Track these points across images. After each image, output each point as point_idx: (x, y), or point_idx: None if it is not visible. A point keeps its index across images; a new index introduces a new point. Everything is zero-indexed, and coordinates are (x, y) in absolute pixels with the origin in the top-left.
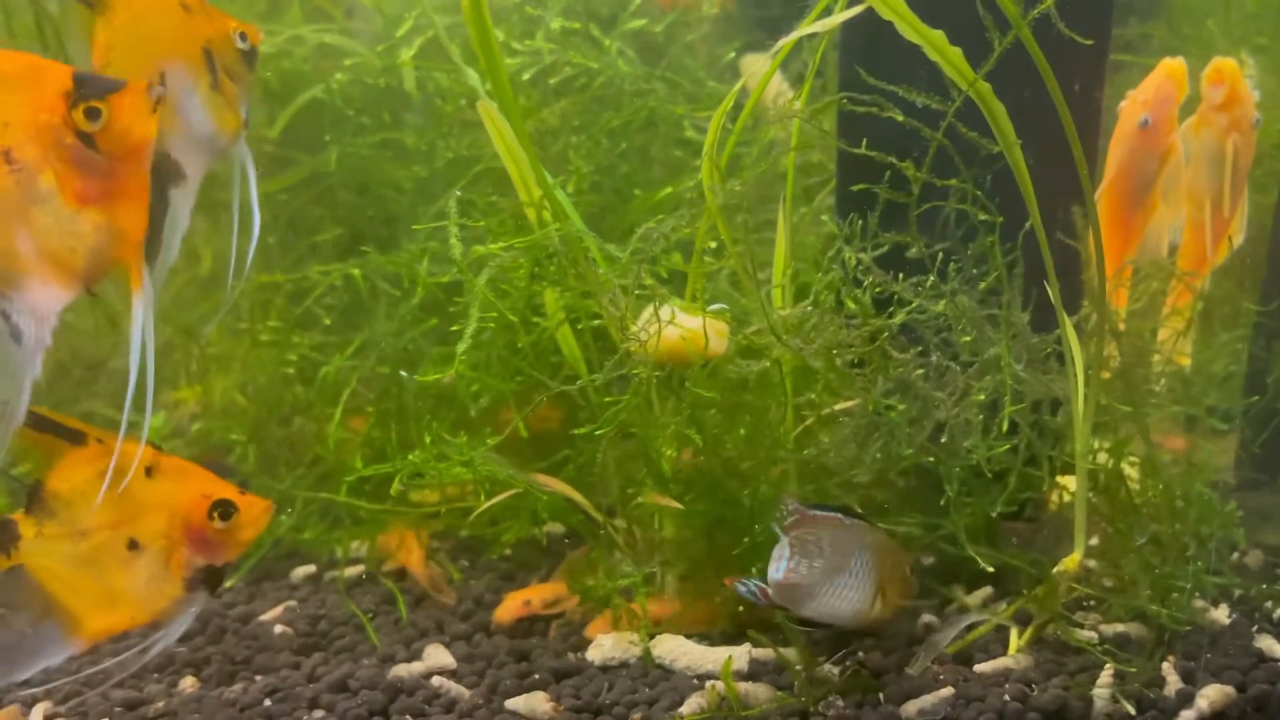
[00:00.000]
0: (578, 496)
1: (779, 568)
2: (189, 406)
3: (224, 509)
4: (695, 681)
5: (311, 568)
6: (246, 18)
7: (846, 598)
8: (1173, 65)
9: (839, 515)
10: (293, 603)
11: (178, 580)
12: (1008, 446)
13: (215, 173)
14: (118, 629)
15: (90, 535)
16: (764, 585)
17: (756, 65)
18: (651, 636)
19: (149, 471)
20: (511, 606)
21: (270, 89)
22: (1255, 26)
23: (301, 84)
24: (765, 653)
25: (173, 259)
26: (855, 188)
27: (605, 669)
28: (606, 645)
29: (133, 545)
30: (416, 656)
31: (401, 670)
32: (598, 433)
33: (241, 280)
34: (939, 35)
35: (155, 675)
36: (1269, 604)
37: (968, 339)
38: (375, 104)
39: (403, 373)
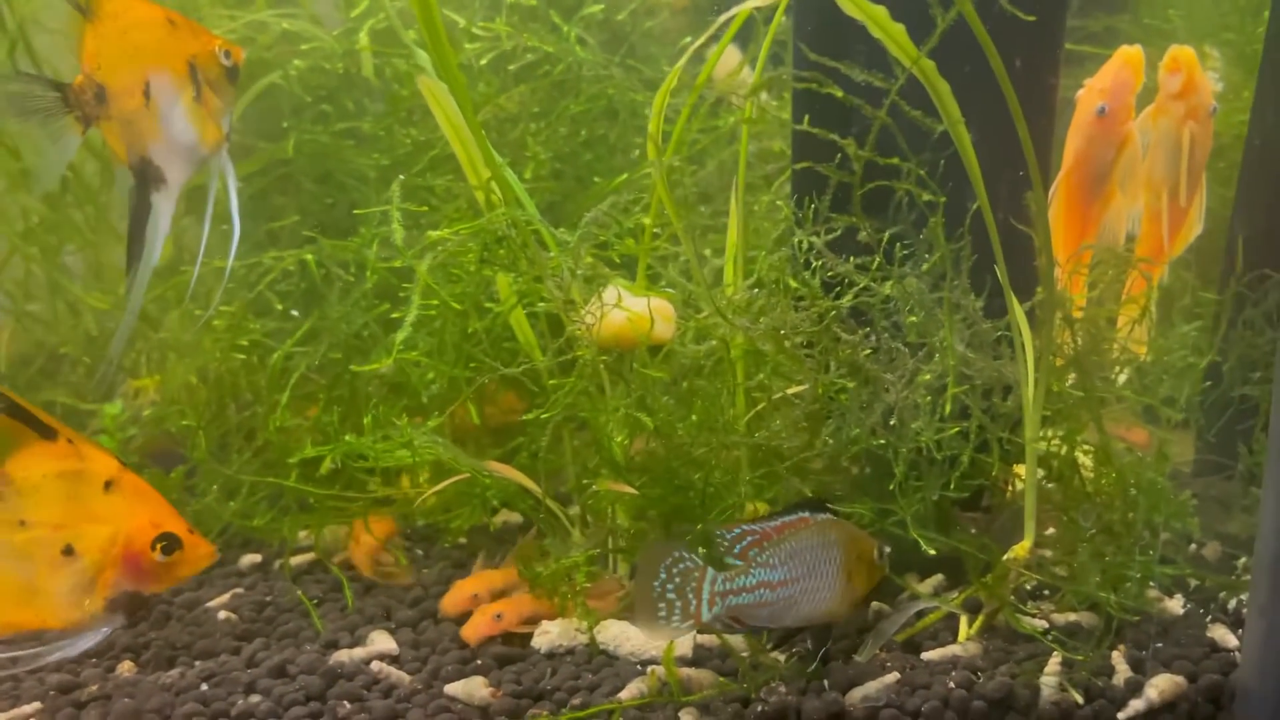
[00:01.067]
0: (528, 483)
1: (746, 595)
2: (148, 395)
3: (168, 543)
4: (639, 667)
5: (258, 557)
6: (214, 5)
7: (818, 599)
8: (1130, 53)
9: (803, 515)
10: (240, 589)
11: (100, 597)
12: (956, 430)
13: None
14: (23, 627)
15: (29, 529)
16: (732, 620)
17: (726, 57)
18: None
19: (108, 485)
20: (459, 599)
21: None
22: (1221, 21)
23: (264, 71)
24: (711, 639)
25: (155, 260)
26: (800, 165)
27: (551, 656)
28: (553, 632)
29: (68, 551)
30: (360, 643)
31: (342, 656)
32: (544, 417)
33: (222, 281)
34: (880, 10)
35: (93, 660)
36: (1223, 594)
37: (914, 319)
38: (336, 91)
39: (352, 367)
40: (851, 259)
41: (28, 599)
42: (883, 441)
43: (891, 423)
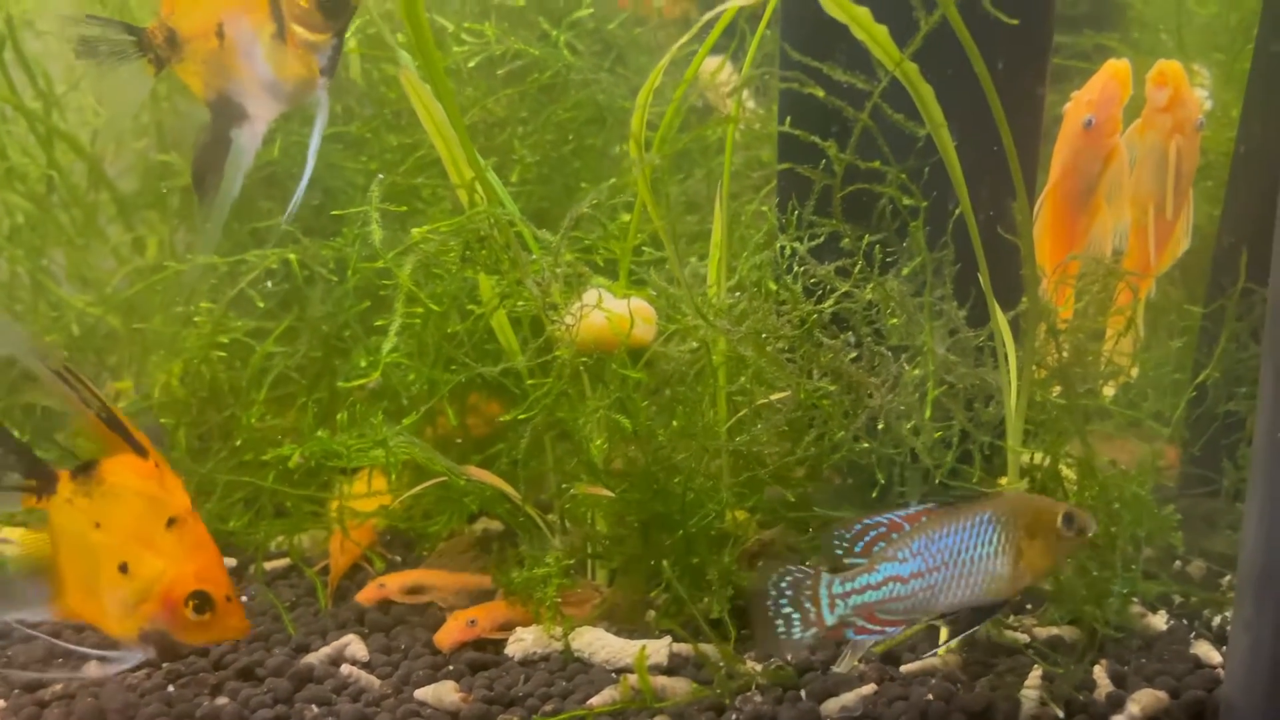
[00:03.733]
0: (506, 488)
1: (871, 593)
2: (130, 397)
3: (199, 602)
4: (614, 675)
5: (233, 561)
6: None
7: (971, 584)
8: (1117, 66)
9: (926, 507)
10: None
11: (134, 627)
12: (940, 434)
13: (170, 165)
14: (86, 619)
15: (101, 533)
16: (866, 620)
17: (710, 62)
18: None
19: (170, 522)
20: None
21: None
22: (1211, 40)
23: None
24: (686, 647)
25: (234, 194)
26: (783, 166)
27: (525, 662)
28: (528, 640)
29: (123, 568)
30: (331, 645)
31: (312, 659)
32: (521, 418)
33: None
34: (864, 12)
35: (59, 660)
36: (1207, 611)
37: (895, 321)
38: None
39: (340, 383)
40: (835, 264)
41: (90, 595)
42: (865, 446)
43: (878, 427)
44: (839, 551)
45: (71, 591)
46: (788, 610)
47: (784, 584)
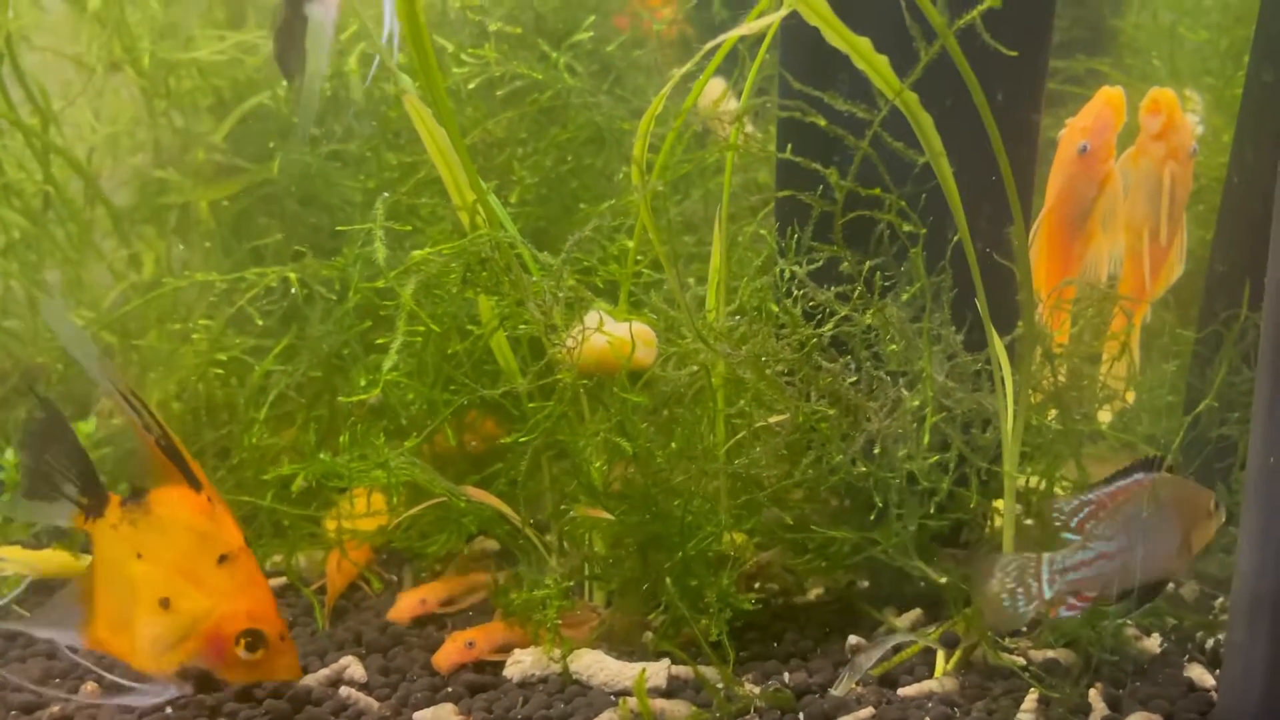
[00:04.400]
0: (505, 509)
1: (1085, 569)
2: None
3: (252, 640)
4: (612, 698)
5: None
6: (205, 26)
7: (1154, 562)
8: (1111, 93)
9: (1138, 477)
10: None
11: (173, 663)
12: (936, 459)
13: (164, 179)
14: (113, 652)
15: (144, 564)
16: (1070, 595)
17: (710, 87)
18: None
19: (222, 559)
20: (407, 605)
21: (222, 98)
22: (1203, 66)
23: (253, 93)
24: (685, 669)
25: (323, 69)
26: (782, 193)
27: (523, 684)
28: (526, 662)
29: (164, 603)
30: (329, 667)
31: (310, 680)
32: (522, 440)
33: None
34: (865, 42)
35: (56, 680)
36: (1201, 633)
37: (894, 348)
38: (323, 113)
39: (340, 399)
40: (833, 289)
41: (121, 628)
42: (864, 470)
43: (874, 451)
44: (1057, 524)
45: (102, 621)
46: (1012, 586)
47: (1012, 565)
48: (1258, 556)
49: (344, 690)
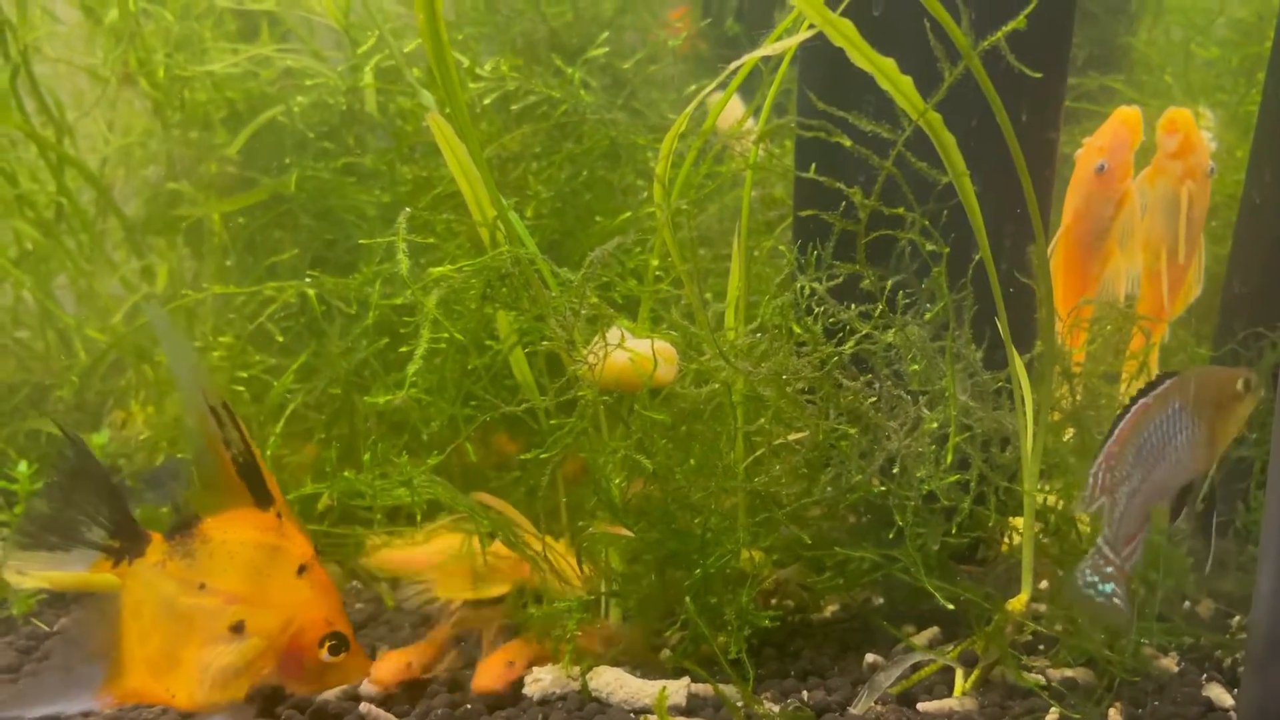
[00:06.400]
0: (522, 520)
1: (1126, 521)
2: (136, 425)
3: (336, 644)
4: (632, 715)
5: None
6: (219, 39)
7: (1179, 472)
8: (1128, 112)
9: (1144, 400)
10: None
11: (244, 685)
12: (956, 477)
13: (177, 192)
14: (148, 700)
15: (207, 594)
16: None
17: (731, 106)
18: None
19: (302, 570)
20: (390, 667)
21: (236, 110)
22: (1215, 82)
23: (266, 106)
24: (704, 687)
25: None
26: (804, 213)
27: (543, 702)
28: (546, 680)
29: (237, 628)
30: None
31: (329, 695)
32: (543, 456)
33: None
34: (889, 63)
35: None
36: (1219, 652)
37: (916, 368)
38: (338, 127)
39: (365, 398)
40: (853, 306)
41: (166, 669)
42: (883, 489)
43: (894, 471)
44: (1089, 500)
45: (138, 670)
46: (1094, 579)
47: (1085, 570)
48: (1278, 576)
49: (363, 706)
